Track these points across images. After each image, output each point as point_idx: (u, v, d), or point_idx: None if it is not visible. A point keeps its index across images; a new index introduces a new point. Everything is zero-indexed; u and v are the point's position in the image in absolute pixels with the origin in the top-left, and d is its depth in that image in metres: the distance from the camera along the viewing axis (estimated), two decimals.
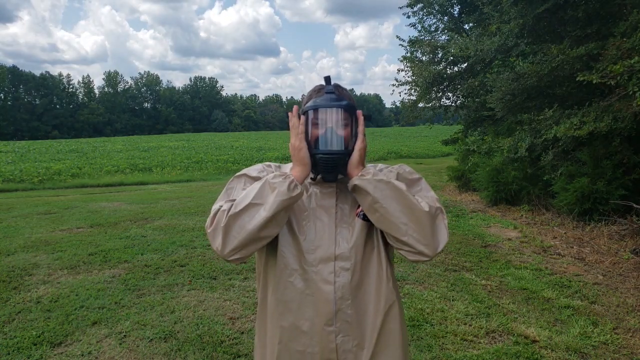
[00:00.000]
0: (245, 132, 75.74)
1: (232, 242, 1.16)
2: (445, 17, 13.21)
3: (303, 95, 1.36)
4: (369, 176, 1.21)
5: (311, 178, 1.30)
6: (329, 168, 1.24)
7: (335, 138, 1.23)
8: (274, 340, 1.29)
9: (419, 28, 13.52)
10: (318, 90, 1.31)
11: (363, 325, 1.27)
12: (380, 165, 1.40)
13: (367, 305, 1.28)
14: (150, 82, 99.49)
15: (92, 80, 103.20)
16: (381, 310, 1.28)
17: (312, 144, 1.25)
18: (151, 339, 3.19)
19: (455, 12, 13.01)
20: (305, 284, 1.26)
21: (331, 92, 1.26)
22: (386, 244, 1.33)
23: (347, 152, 1.25)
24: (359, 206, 1.30)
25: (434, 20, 13.38)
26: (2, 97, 77.01)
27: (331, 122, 1.24)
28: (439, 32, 13.32)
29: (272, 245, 1.30)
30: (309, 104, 1.26)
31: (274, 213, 1.15)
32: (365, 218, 1.29)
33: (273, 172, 1.28)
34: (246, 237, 1.16)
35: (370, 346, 1.26)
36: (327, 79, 1.29)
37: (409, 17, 13.55)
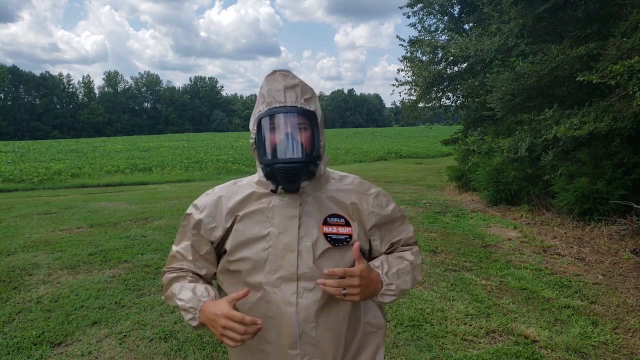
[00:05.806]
0: (245, 132, 75.47)
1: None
2: (445, 17, 13.25)
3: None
4: (397, 290, 1.21)
5: (271, 190, 1.19)
6: (290, 178, 1.12)
7: (295, 145, 1.11)
8: (241, 357, 1.27)
9: (419, 28, 13.57)
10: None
11: (332, 347, 1.21)
12: (339, 173, 1.32)
13: (338, 326, 1.21)
14: (151, 82, 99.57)
15: (92, 80, 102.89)
16: (357, 331, 1.24)
17: (270, 152, 1.13)
18: (151, 339, 3.19)
19: (455, 12, 13.05)
20: (267, 306, 1.18)
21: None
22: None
23: (309, 160, 1.13)
24: (324, 223, 1.20)
25: (434, 20, 13.43)
26: (2, 97, 77.06)
27: (288, 128, 1.12)
28: (439, 32, 13.38)
29: (231, 267, 1.22)
30: (263, 109, 1.16)
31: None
32: (337, 244, 1.20)
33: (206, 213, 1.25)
34: None
35: None
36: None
37: (409, 17, 13.61)
